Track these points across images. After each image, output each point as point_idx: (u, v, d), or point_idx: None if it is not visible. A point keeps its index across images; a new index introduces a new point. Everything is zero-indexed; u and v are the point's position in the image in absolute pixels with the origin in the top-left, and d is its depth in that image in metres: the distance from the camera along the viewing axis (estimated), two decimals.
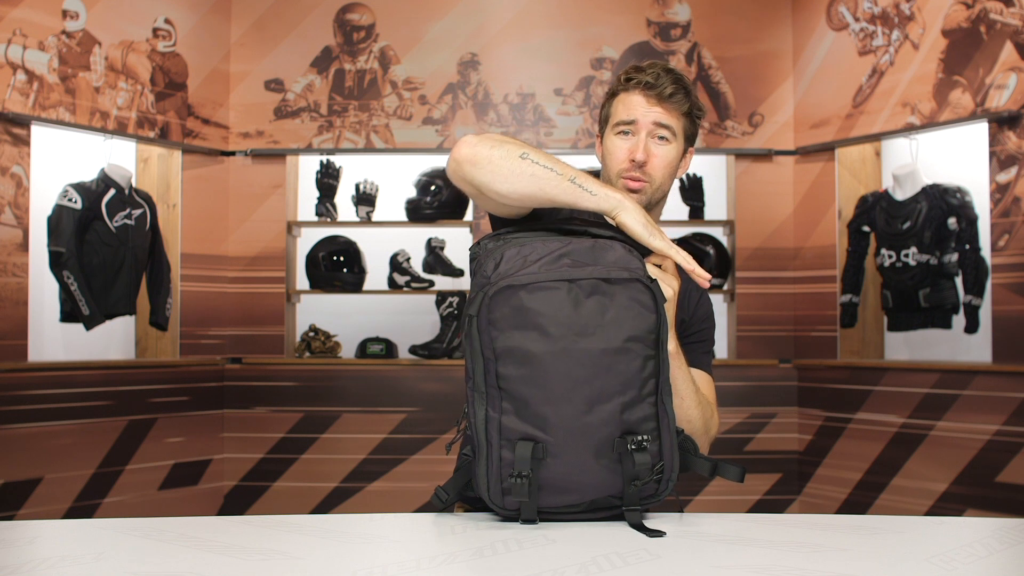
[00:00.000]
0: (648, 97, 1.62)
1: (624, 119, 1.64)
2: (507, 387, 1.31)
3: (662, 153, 1.63)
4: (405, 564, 1.17)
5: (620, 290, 1.31)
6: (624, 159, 1.63)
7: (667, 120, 1.63)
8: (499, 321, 1.31)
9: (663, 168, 1.64)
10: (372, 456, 4.50)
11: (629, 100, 1.64)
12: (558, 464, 1.29)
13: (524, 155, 1.39)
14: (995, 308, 3.86)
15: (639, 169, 1.62)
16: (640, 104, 1.63)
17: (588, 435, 1.29)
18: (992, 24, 3.87)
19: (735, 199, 4.68)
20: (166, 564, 1.17)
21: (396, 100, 4.74)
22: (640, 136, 1.63)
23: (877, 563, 1.17)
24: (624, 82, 1.65)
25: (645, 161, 1.62)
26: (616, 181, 1.65)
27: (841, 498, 4.30)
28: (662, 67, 1.64)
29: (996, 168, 3.84)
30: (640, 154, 1.61)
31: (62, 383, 3.99)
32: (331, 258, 4.65)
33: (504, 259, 1.35)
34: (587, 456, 1.30)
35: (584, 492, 1.32)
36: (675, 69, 1.66)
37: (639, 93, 1.63)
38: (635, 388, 1.31)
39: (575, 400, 1.29)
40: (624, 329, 1.30)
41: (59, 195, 4.00)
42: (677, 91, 1.63)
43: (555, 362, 1.29)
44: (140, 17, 4.41)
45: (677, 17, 4.73)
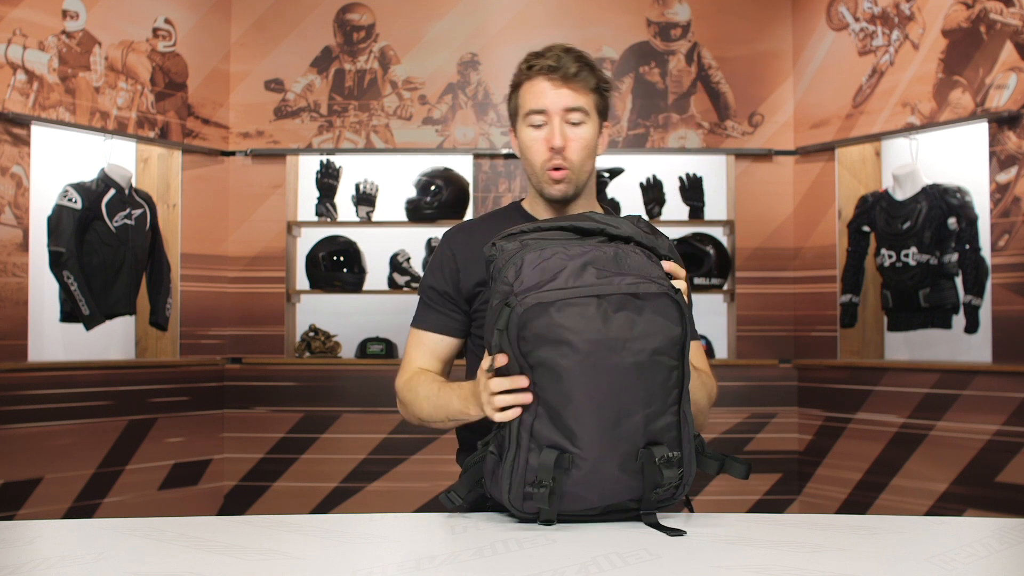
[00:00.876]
0: (553, 80, 1.60)
1: (534, 108, 1.62)
2: (541, 394, 1.32)
3: (578, 135, 1.61)
4: (405, 564, 1.17)
5: (648, 304, 1.32)
6: (543, 150, 1.62)
7: (577, 101, 1.60)
8: (529, 338, 1.32)
9: (582, 150, 1.62)
10: (372, 456, 4.50)
11: (535, 87, 1.62)
12: (581, 475, 1.31)
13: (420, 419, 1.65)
14: (995, 308, 3.86)
15: (559, 156, 1.61)
16: (547, 90, 1.61)
17: (614, 448, 1.30)
18: (992, 24, 3.87)
19: (735, 199, 4.68)
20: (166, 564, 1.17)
21: (396, 100, 4.74)
22: (554, 123, 1.60)
23: (877, 563, 1.17)
24: (527, 70, 1.64)
25: (564, 146, 1.60)
26: (540, 174, 1.64)
27: (841, 498, 4.30)
28: (561, 48, 1.62)
29: (996, 168, 3.84)
30: (557, 140, 1.59)
31: (62, 383, 3.99)
32: (331, 258, 4.65)
33: (525, 265, 1.35)
34: (612, 468, 1.31)
35: (604, 499, 1.34)
36: (574, 48, 1.64)
37: (543, 78, 1.61)
38: (660, 400, 1.32)
39: (602, 415, 1.30)
40: (651, 342, 1.31)
41: (59, 195, 4.00)
42: (581, 68, 1.60)
43: (584, 377, 1.29)
44: (140, 17, 4.41)
45: (677, 17, 4.73)
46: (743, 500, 4.48)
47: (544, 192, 1.65)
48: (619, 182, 4.64)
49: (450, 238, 1.75)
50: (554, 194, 1.64)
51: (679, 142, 4.71)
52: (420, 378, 1.66)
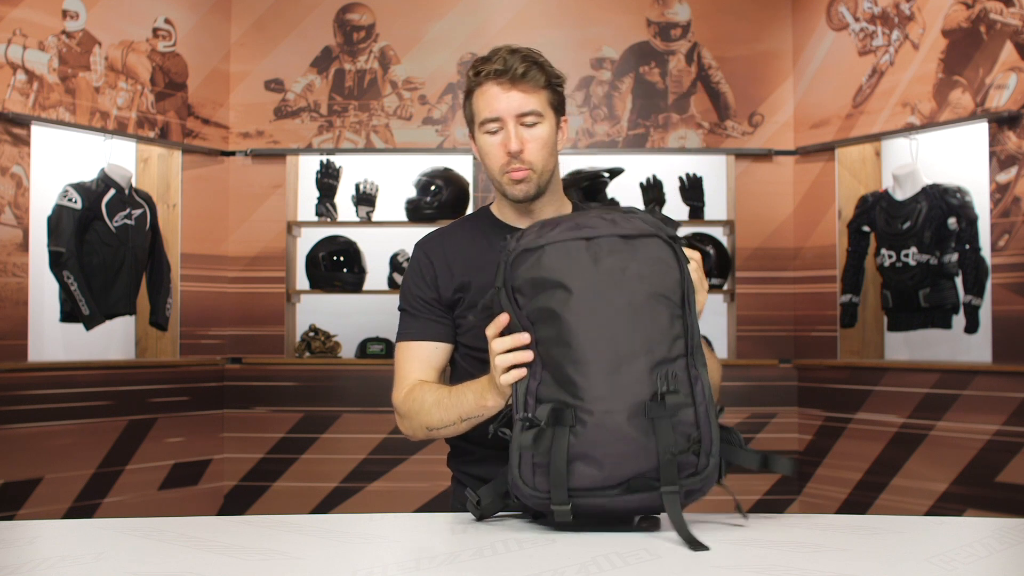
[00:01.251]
0: (502, 84, 1.58)
1: (488, 116, 1.60)
2: (543, 352, 1.29)
3: (535, 136, 1.60)
4: (405, 564, 1.17)
5: (640, 245, 1.30)
6: (500, 155, 1.60)
7: (529, 104, 1.59)
8: (523, 287, 1.31)
9: (540, 150, 1.61)
10: (372, 456, 4.50)
11: (486, 94, 1.60)
12: (587, 432, 1.24)
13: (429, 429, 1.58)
14: (995, 308, 3.85)
15: (517, 159, 1.60)
16: (498, 95, 1.59)
17: (617, 396, 1.24)
18: (992, 24, 3.87)
19: (735, 199, 4.68)
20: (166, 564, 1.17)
21: (396, 100, 4.74)
22: (508, 128, 1.59)
23: (877, 563, 1.17)
24: (475, 77, 1.61)
25: (521, 150, 1.59)
26: (500, 178, 1.63)
27: (841, 498, 4.30)
28: (507, 49, 1.60)
29: (996, 168, 3.84)
30: (513, 144, 1.58)
31: (62, 383, 3.99)
32: (331, 258, 4.65)
33: (526, 233, 1.36)
34: (618, 420, 1.24)
35: (615, 466, 1.24)
36: (521, 47, 1.62)
37: (492, 84, 1.59)
38: (663, 346, 1.26)
39: (600, 360, 1.25)
40: (646, 284, 1.27)
41: (59, 195, 4.00)
42: (529, 68, 1.59)
43: (578, 320, 1.26)
44: (140, 17, 4.41)
45: (677, 17, 4.73)
46: (743, 500, 4.47)
47: (506, 193, 1.64)
48: (619, 182, 4.64)
49: (424, 245, 1.73)
50: (516, 194, 1.62)
51: (679, 142, 4.71)
52: (423, 387, 1.62)
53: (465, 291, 1.66)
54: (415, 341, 1.69)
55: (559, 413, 1.25)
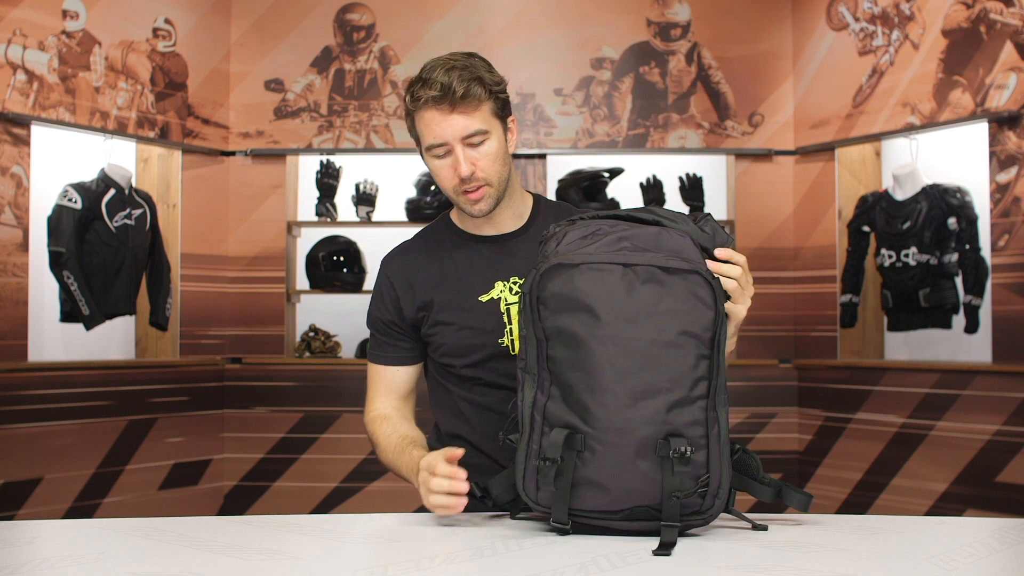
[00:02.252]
0: (442, 110, 1.52)
1: (432, 142, 1.54)
2: (555, 370, 1.27)
3: (484, 153, 1.55)
4: (405, 564, 1.17)
5: (678, 281, 1.26)
6: (451, 176, 1.55)
7: (472, 125, 1.52)
8: (549, 301, 1.28)
9: (492, 164, 1.56)
10: (372, 456, 4.48)
11: (427, 119, 1.53)
12: (595, 459, 1.24)
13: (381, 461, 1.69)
14: (995, 308, 3.85)
15: (471, 180, 1.55)
16: (439, 121, 1.52)
17: (630, 431, 1.22)
18: (992, 24, 3.87)
19: (735, 199, 4.68)
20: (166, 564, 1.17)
21: (396, 100, 4.74)
22: (456, 151, 1.53)
23: (877, 563, 1.17)
24: (412, 102, 1.55)
25: (472, 171, 1.54)
26: (457, 197, 1.58)
27: (841, 498, 4.30)
28: (443, 69, 1.52)
29: (996, 168, 3.84)
30: (464, 168, 1.53)
31: (62, 383, 3.99)
32: (331, 258, 4.65)
33: (566, 239, 1.32)
34: (627, 453, 1.23)
35: (621, 495, 1.24)
36: (457, 61, 1.54)
37: (432, 110, 1.52)
38: (684, 387, 1.24)
39: (619, 392, 1.23)
40: (678, 322, 1.24)
41: (59, 195, 4.00)
42: (468, 86, 1.51)
43: (601, 348, 1.24)
44: (140, 17, 4.41)
45: (677, 17, 4.73)
46: (743, 500, 4.47)
47: (466, 211, 1.60)
48: (619, 182, 4.64)
49: (386, 265, 1.72)
50: (475, 213, 1.59)
51: (679, 142, 4.71)
52: (380, 426, 1.69)
53: (428, 309, 1.65)
54: (378, 365, 1.78)
55: (571, 439, 1.24)
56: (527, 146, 4.69)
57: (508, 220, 1.67)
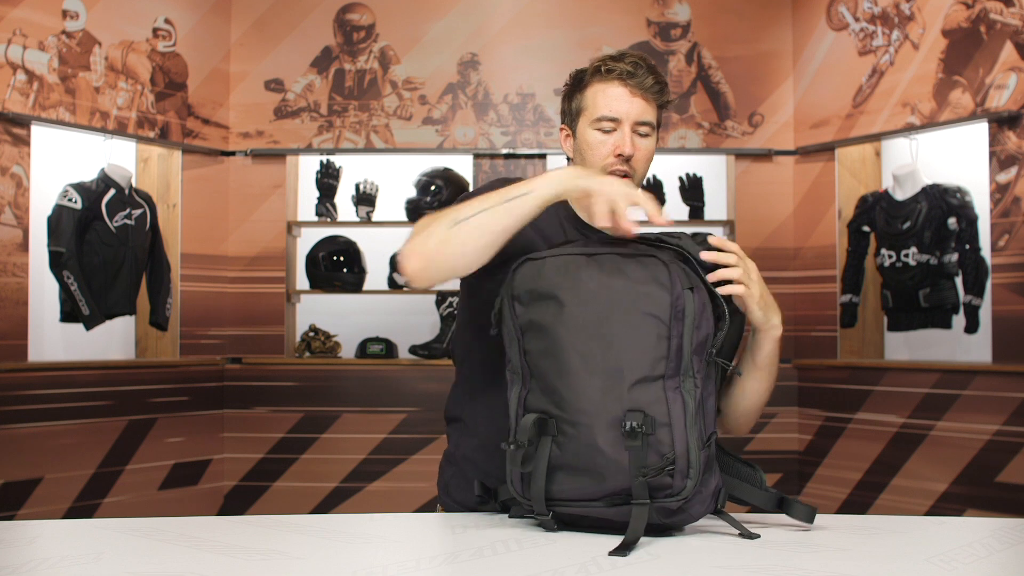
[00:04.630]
0: (630, 88, 1.56)
1: (607, 115, 1.56)
2: (532, 362, 1.31)
3: (645, 146, 1.58)
4: (405, 564, 1.17)
5: (638, 264, 1.29)
6: (608, 153, 1.56)
7: (648, 115, 1.57)
8: (522, 296, 1.33)
9: (645, 161, 1.60)
10: (372, 456, 4.50)
11: (608, 92, 1.57)
12: (569, 443, 1.26)
13: (455, 221, 1.37)
14: (995, 308, 3.85)
15: (625, 164, 1.56)
16: (622, 97, 1.56)
17: (596, 412, 1.25)
18: (992, 24, 3.87)
19: (735, 199, 4.68)
20: (166, 564, 1.17)
21: (396, 100, 4.74)
22: (624, 130, 1.56)
23: (877, 563, 1.17)
24: (604, 72, 1.57)
25: (632, 154, 1.56)
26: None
27: (841, 498, 4.30)
28: (638, 56, 1.59)
29: (996, 168, 3.84)
30: (628, 148, 1.55)
31: (62, 383, 3.99)
32: (331, 258, 4.65)
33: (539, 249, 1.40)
34: (596, 434, 1.24)
35: (596, 478, 1.24)
36: (648, 57, 1.61)
37: (618, 84, 1.56)
38: (645, 366, 1.25)
39: (584, 374, 1.26)
40: (638, 304, 1.26)
41: (59, 195, 4.00)
42: (656, 82, 1.57)
43: (566, 334, 1.28)
44: (140, 17, 4.41)
45: (677, 17, 4.73)
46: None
47: None
48: None
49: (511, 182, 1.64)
50: None
51: (679, 142, 4.71)
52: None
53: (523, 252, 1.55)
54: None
55: (543, 424, 1.27)
56: (527, 146, 4.70)
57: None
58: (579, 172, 1.39)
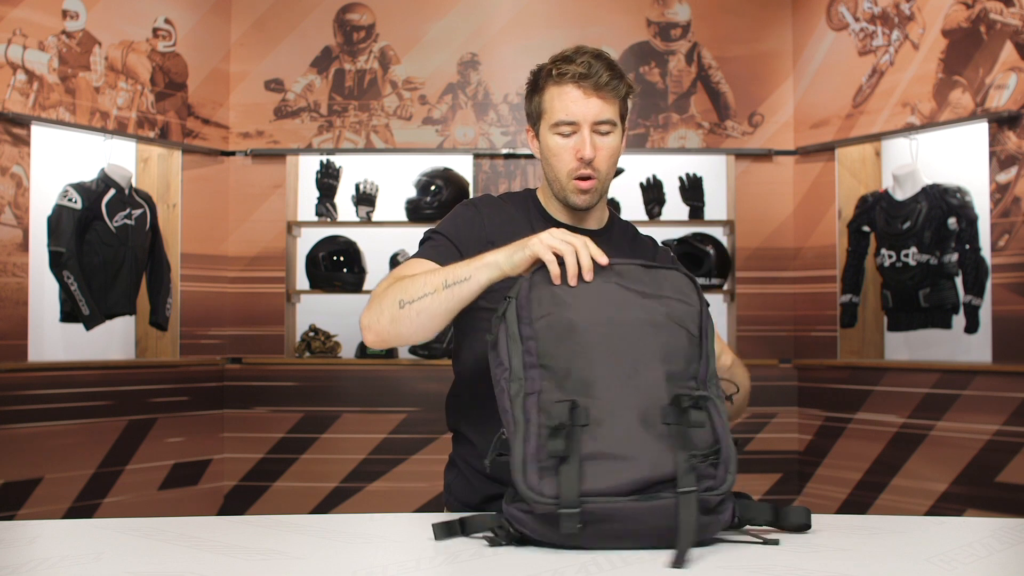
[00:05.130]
0: (584, 89, 1.54)
1: (564, 119, 1.55)
2: (548, 363, 1.23)
3: (607, 145, 1.57)
4: (405, 564, 1.17)
5: (661, 275, 1.31)
6: (571, 159, 1.57)
7: (607, 113, 1.55)
8: (541, 298, 1.27)
9: (609, 159, 1.59)
10: (372, 456, 4.50)
11: (564, 95, 1.55)
12: (603, 431, 1.18)
13: (402, 302, 1.41)
14: (995, 308, 3.86)
15: (588, 166, 1.57)
16: (577, 99, 1.54)
17: (634, 397, 1.20)
18: (992, 24, 3.87)
19: (735, 199, 4.68)
20: (166, 564, 1.17)
21: (396, 100, 4.74)
22: (584, 133, 1.55)
23: (877, 563, 1.17)
24: (556, 76, 1.55)
25: (594, 157, 1.56)
26: (567, 183, 1.59)
27: (841, 498, 4.30)
28: (591, 54, 1.55)
29: (996, 168, 3.84)
30: (588, 151, 1.55)
31: (62, 383, 3.99)
32: (331, 258, 4.65)
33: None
34: (634, 421, 1.19)
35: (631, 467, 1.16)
36: (602, 52, 1.57)
37: (573, 86, 1.54)
38: (680, 361, 1.25)
39: (618, 364, 1.22)
40: (665, 307, 1.27)
41: (59, 195, 4.00)
42: (612, 77, 1.54)
43: (596, 331, 1.24)
44: (140, 17, 4.41)
45: (677, 17, 4.73)
46: None
47: (568, 200, 1.61)
48: (619, 182, 4.64)
49: (476, 204, 1.67)
50: (579, 203, 1.61)
51: (679, 142, 4.71)
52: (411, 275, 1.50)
53: None
54: (427, 260, 1.55)
55: (575, 411, 1.18)
56: (527, 146, 4.69)
57: (593, 221, 1.69)
58: (514, 247, 1.37)
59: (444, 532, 1.28)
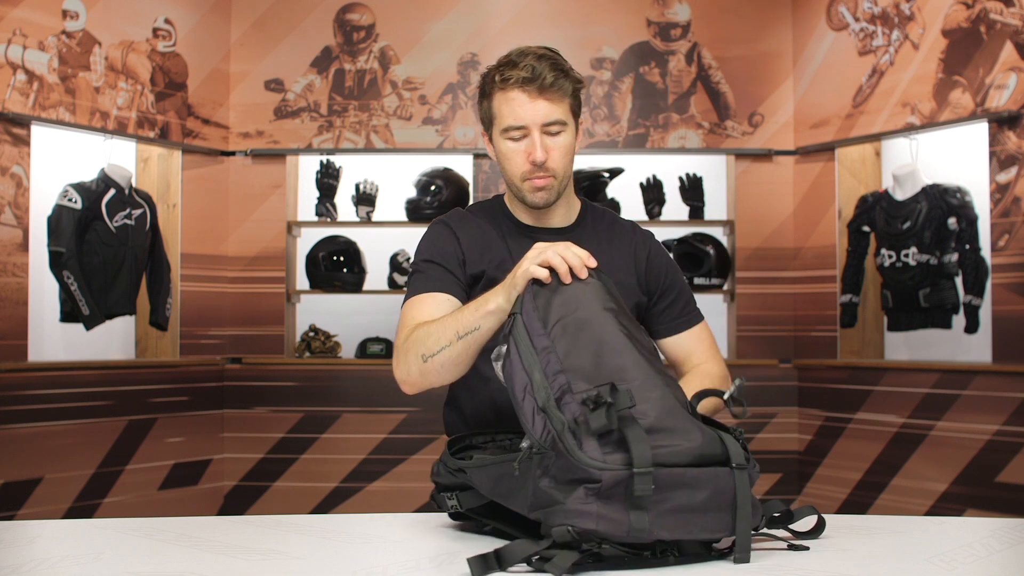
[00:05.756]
0: (529, 92, 1.54)
1: (512, 124, 1.56)
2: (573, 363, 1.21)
3: (559, 144, 1.58)
4: (405, 564, 1.17)
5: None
6: (523, 162, 1.58)
7: (555, 114, 1.56)
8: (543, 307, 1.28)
9: (563, 158, 1.60)
10: (372, 456, 4.50)
11: (511, 100, 1.56)
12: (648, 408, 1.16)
13: (424, 356, 1.47)
14: (995, 308, 3.86)
15: (541, 168, 1.58)
16: (524, 103, 1.55)
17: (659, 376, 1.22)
18: (992, 24, 3.87)
19: (735, 199, 4.68)
20: (166, 564, 1.17)
21: (396, 100, 4.74)
22: (534, 136, 1.56)
23: (877, 563, 1.17)
24: (500, 82, 1.56)
25: (545, 159, 1.56)
26: (521, 184, 1.61)
27: (841, 498, 4.30)
28: (534, 55, 1.55)
29: (996, 168, 3.84)
30: (539, 155, 1.56)
31: (62, 383, 3.99)
32: (331, 258, 4.65)
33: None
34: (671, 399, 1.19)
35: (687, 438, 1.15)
36: (546, 52, 1.57)
37: (519, 91, 1.55)
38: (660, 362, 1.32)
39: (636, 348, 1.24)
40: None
41: (59, 195, 4.00)
42: (557, 77, 1.54)
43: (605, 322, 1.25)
44: (140, 17, 4.41)
45: (677, 17, 4.73)
46: None
47: (526, 201, 1.63)
48: (619, 182, 4.64)
49: (447, 222, 1.69)
50: (536, 202, 1.62)
51: (679, 142, 4.71)
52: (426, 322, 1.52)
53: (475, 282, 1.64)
54: (427, 293, 1.59)
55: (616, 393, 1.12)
56: None
57: (559, 217, 1.69)
58: (508, 285, 1.39)
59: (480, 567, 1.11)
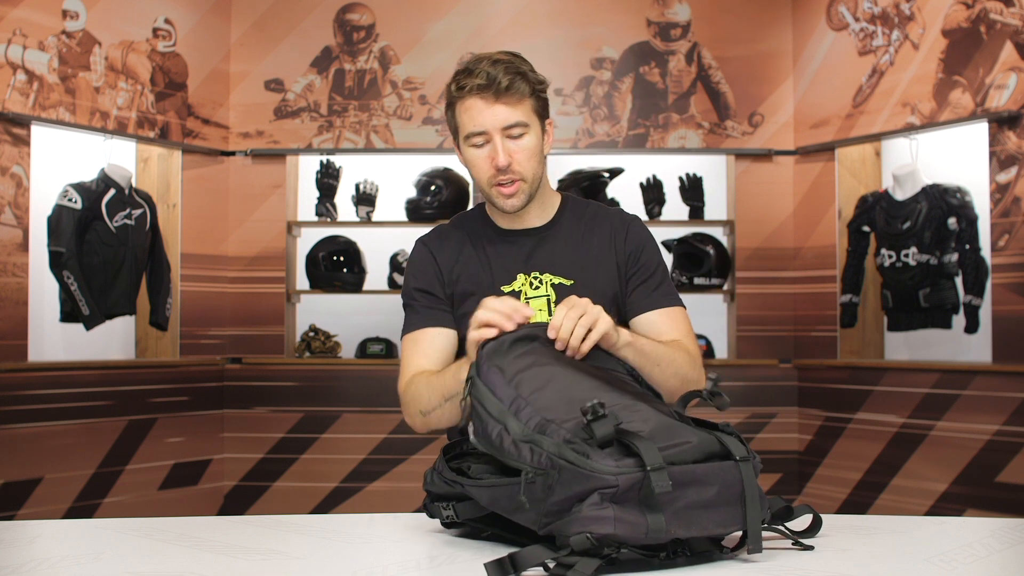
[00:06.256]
0: (486, 98, 1.57)
1: (473, 130, 1.59)
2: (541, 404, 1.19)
3: (522, 147, 1.60)
4: (405, 564, 1.17)
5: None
6: (488, 167, 1.61)
7: (514, 116, 1.58)
8: (501, 365, 1.27)
9: (528, 160, 1.61)
10: (372, 456, 4.50)
11: (470, 108, 1.59)
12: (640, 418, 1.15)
13: (423, 413, 1.58)
14: (995, 308, 3.86)
15: (506, 173, 1.60)
16: (483, 110, 1.57)
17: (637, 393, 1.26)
18: (992, 24, 3.87)
19: (735, 199, 4.68)
20: (166, 564, 1.17)
21: (396, 100, 4.74)
22: (495, 141, 1.58)
23: (877, 563, 1.17)
24: (457, 91, 1.60)
25: (509, 163, 1.59)
26: (490, 190, 1.63)
27: (841, 498, 4.30)
28: (489, 61, 1.58)
29: (996, 168, 3.84)
30: (501, 159, 1.58)
31: (62, 383, 3.99)
32: (331, 258, 4.65)
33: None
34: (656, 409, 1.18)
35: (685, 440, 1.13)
36: (503, 57, 1.60)
37: (476, 98, 1.58)
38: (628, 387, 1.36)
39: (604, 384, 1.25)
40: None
41: (59, 195, 4.00)
42: (513, 80, 1.56)
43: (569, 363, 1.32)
44: (140, 17, 4.41)
45: (677, 17, 4.73)
46: None
47: (497, 205, 1.65)
48: (619, 182, 4.64)
49: (426, 242, 1.74)
50: (506, 207, 1.64)
51: (679, 142, 4.71)
52: (420, 375, 1.61)
53: (457, 297, 1.68)
54: (417, 330, 1.68)
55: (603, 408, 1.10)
56: None
57: (535, 217, 1.71)
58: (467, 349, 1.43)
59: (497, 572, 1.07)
